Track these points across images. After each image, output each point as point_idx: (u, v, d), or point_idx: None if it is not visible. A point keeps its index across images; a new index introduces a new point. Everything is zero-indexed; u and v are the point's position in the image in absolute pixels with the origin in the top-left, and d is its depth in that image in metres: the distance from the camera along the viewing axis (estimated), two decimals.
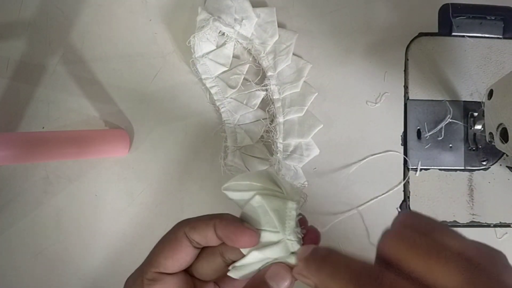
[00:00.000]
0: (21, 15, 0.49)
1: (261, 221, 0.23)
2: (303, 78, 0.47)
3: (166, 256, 0.22)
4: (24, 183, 0.47)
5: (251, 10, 0.47)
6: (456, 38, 0.49)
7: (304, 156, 0.47)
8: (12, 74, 0.48)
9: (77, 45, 0.49)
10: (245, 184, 0.24)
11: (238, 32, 0.46)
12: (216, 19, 0.44)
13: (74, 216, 0.47)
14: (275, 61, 0.47)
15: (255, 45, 0.47)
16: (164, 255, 0.22)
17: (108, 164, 0.48)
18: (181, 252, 0.22)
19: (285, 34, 0.48)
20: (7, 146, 0.38)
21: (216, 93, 0.47)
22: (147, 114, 0.49)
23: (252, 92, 0.47)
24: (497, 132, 0.39)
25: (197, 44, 0.45)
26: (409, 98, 0.49)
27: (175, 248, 0.22)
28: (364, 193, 0.48)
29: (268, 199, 0.23)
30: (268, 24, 0.47)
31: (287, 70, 0.48)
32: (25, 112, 0.48)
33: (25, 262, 0.47)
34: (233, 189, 0.24)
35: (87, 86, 0.49)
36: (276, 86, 0.47)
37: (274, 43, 0.47)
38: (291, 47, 0.47)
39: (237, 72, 0.47)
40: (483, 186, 0.48)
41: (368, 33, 0.49)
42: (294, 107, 0.47)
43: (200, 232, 0.23)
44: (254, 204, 0.23)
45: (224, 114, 0.47)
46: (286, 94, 0.47)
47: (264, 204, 0.23)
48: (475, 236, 0.46)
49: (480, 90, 0.48)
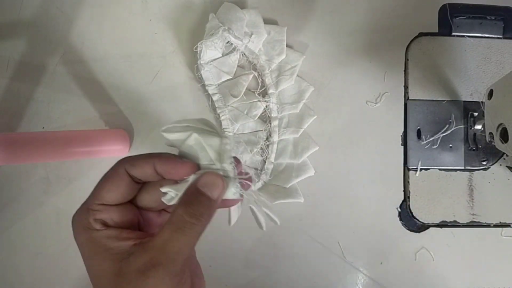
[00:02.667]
0: (21, 15, 0.49)
1: (198, 156, 0.25)
2: (303, 101, 0.47)
3: (109, 190, 0.24)
4: (24, 183, 0.48)
5: (262, 26, 0.46)
6: (456, 38, 0.49)
7: (293, 177, 0.46)
8: (12, 74, 0.48)
9: (77, 45, 0.49)
10: (182, 126, 0.26)
11: (246, 45, 0.46)
12: (226, 30, 0.43)
13: None
14: (278, 79, 0.47)
15: (260, 61, 0.47)
16: (106, 189, 0.24)
17: (108, 164, 0.48)
18: (122, 186, 0.24)
19: (292, 55, 0.47)
20: (7, 146, 0.38)
21: (218, 101, 0.47)
22: (147, 114, 0.49)
23: (253, 102, 0.47)
24: (497, 132, 0.39)
25: (204, 50, 0.44)
26: (409, 98, 0.49)
27: (117, 183, 0.24)
28: (364, 193, 0.48)
29: (204, 136, 0.25)
30: (276, 42, 0.47)
31: (288, 90, 0.48)
32: (25, 112, 0.48)
33: (25, 262, 0.47)
34: (171, 131, 0.26)
35: (87, 86, 0.49)
36: (276, 104, 0.47)
37: (280, 61, 0.47)
38: (296, 69, 0.47)
39: (241, 81, 0.47)
40: (483, 186, 0.48)
41: (368, 33, 0.49)
42: (290, 128, 0.47)
43: (139, 169, 0.24)
44: (191, 142, 0.25)
45: (224, 122, 0.47)
46: (284, 114, 0.47)
47: (201, 140, 0.25)
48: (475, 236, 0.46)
49: (480, 90, 0.48)
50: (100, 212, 0.24)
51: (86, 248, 0.24)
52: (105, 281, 0.23)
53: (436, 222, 0.47)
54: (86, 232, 0.23)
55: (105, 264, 0.23)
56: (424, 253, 0.48)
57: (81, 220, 0.24)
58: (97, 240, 0.23)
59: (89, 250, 0.24)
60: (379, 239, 0.48)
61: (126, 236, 0.23)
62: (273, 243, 0.48)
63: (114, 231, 0.23)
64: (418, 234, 0.48)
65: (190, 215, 0.22)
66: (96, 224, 0.23)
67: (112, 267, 0.22)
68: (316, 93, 0.48)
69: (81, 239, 0.24)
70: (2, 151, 0.37)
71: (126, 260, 0.22)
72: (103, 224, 0.24)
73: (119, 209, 0.24)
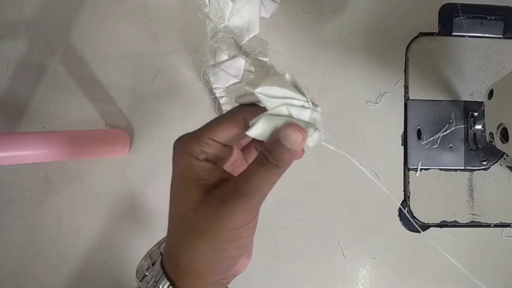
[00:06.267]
0: (21, 15, 0.49)
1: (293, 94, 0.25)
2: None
3: (223, 129, 0.25)
4: (24, 183, 0.47)
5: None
6: (456, 38, 0.49)
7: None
8: (12, 74, 0.48)
9: (77, 45, 0.49)
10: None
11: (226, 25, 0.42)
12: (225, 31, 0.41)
13: (74, 216, 0.47)
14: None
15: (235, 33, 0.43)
16: (221, 127, 0.25)
17: (108, 164, 0.48)
18: (236, 130, 0.25)
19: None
20: (7, 146, 0.38)
21: (225, 104, 0.47)
22: (147, 114, 0.49)
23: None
24: (497, 132, 0.39)
25: (209, 53, 0.44)
26: (409, 98, 0.49)
27: (232, 125, 0.25)
28: (364, 193, 0.48)
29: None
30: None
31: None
32: (25, 112, 0.48)
33: (25, 262, 0.47)
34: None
35: (87, 86, 0.49)
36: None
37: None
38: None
39: None
40: (483, 186, 0.48)
41: (368, 33, 0.49)
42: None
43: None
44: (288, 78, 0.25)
45: None
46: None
47: (297, 82, 0.25)
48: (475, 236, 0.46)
49: (480, 90, 0.48)
50: (208, 146, 0.25)
51: (182, 171, 0.25)
52: (186, 207, 0.24)
53: (436, 222, 0.47)
54: (188, 157, 0.25)
55: (192, 190, 0.24)
56: (424, 253, 0.48)
57: (188, 146, 0.25)
58: (194, 168, 0.25)
59: (183, 174, 0.25)
60: (379, 239, 0.48)
61: (219, 173, 0.25)
62: (273, 243, 0.48)
63: (211, 165, 0.25)
64: (418, 234, 0.48)
65: (272, 158, 0.23)
66: (201, 154, 0.25)
67: (197, 196, 0.24)
68: (316, 93, 0.48)
69: (180, 162, 0.25)
70: (2, 151, 0.37)
71: (211, 191, 0.24)
72: (205, 156, 0.25)
73: (224, 149, 0.26)
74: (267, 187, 0.24)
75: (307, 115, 0.25)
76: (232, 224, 0.23)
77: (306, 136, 0.24)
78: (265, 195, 0.24)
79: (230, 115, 0.25)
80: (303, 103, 0.25)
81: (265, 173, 0.23)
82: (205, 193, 0.24)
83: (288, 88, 0.25)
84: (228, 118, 0.25)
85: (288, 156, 0.24)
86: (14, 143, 0.38)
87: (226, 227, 0.23)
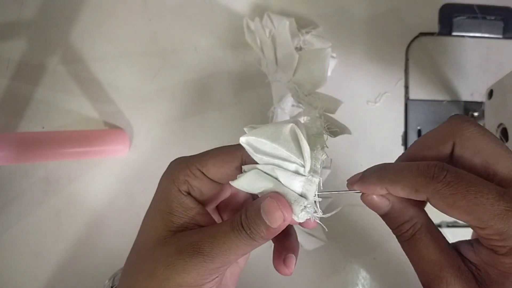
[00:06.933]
0: (21, 15, 0.49)
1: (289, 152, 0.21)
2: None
3: (215, 163, 0.22)
4: (24, 183, 0.47)
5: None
6: (456, 38, 0.49)
7: None
8: (12, 74, 0.48)
9: (77, 45, 0.49)
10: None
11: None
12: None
13: (74, 216, 0.47)
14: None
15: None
16: (213, 161, 0.22)
17: (108, 164, 0.48)
18: (229, 168, 0.22)
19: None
20: (7, 146, 0.38)
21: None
22: (147, 114, 0.49)
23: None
24: (497, 132, 0.39)
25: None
26: (409, 98, 0.49)
27: (227, 163, 0.22)
28: None
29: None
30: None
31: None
32: (25, 112, 0.48)
33: (25, 262, 0.47)
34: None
35: (87, 86, 0.48)
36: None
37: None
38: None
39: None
40: None
41: (368, 33, 0.49)
42: None
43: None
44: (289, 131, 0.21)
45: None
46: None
47: (301, 131, 0.20)
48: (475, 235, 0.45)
49: (480, 90, 0.48)
50: (194, 177, 0.22)
51: (158, 197, 0.23)
52: (147, 239, 0.22)
53: (436, 222, 0.47)
54: (169, 184, 0.22)
55: (158, 224, 0.22)
56: None
57: (175, 171, 0.23)
58: (171, 199, 0.22)
59: (157, 201, 0.23)
60: (379, 239, 0.48)
61: (195, 215, 0.22)
62: (270, 242, 0.48)
63: (191, 202, 0.22)
64: None
65: (247, 227, 0.20)
66: (183, 185, 0.22)
67: (160, 232, 0.22)
68: None
69: (160, 188, 0.23)
70: (2, 151, 0.37)
71: (177, 233, 0.21)
72: (188, 189, 0.22)
73: (214, 186, 0.23)
74: (233, 256, 0.20)
75: (298, 186, 0.20)
76: (180, 280, 0.20)
77: (291, 215, 0.20)
78: (229, 262, 0.20)
79: (228, 150, 0.22)
80: (296, 167, 0.20)
81: (235, 240, 0.20)
82: (169, 232, 0.21)
83: (282, 144, 0.20)
84: (225, 153, 0.22)
85: (265, 231, 0.20)
86: (14, 143, 0.38)
87: (174, 281, 0.20)
